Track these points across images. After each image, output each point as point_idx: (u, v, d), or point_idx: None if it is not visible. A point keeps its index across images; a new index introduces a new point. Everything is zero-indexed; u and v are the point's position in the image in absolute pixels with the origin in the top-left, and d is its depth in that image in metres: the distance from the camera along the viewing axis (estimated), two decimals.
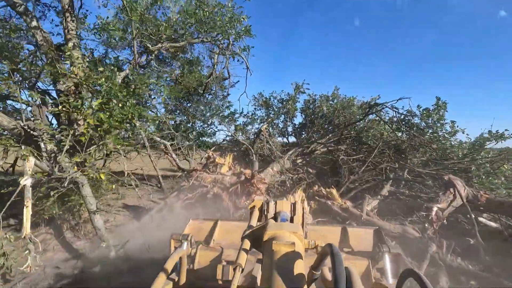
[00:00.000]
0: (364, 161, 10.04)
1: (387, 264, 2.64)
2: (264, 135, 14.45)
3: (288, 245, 1.33)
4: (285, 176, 11.51)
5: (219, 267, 2.53)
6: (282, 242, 1.35)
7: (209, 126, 13.77)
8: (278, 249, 1.32)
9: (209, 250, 2.88)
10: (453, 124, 10.30)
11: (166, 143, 8.00)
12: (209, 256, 2.81)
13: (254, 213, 2.16)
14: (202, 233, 3.19)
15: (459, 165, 9.18)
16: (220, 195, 7.37)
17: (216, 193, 7.48)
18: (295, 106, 16.21)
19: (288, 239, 1.41)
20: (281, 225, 1.61)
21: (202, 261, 2.79)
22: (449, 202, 7.09)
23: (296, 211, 2.09)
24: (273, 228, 1.53)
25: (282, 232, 1.48)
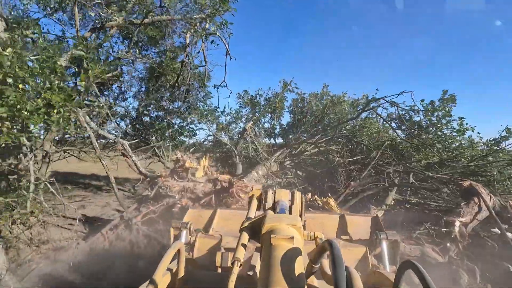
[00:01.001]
0: (363, 164, 8.55)
1: (384, 251, 2.57)
2: (249, 135, 12.90)
3: (287, 240, 1.26)
4: (272, 181, 9.96)
5: (218, 254, 2.55)
6: (280, 236, 1.28)
7: (188, 125, 12.03)
8: (277, 243, 1.26)
9: (208, 237, 2.88)
10: (461, 122, 8.89)
11: (123, 142, 6.28)
12: (208, 243, 2.82)
13: (253, 203, 2.04)
14: (201, 221, 3.18)
15: (471, 168, 7.78)
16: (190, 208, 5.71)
17: (184, 205, 5.82)
18: (282, 104, 14.81)
19: (287, 232, 1.32)
20: (280, 217, 1.51)
21: (202, 249, 2.80)
22: (474, 214, 5.64)
23: (295, 200, 2.04)
24: (272, 221, 1.43)
25: (280, 225, 1.39)
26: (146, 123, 11.11)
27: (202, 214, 3.28)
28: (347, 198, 7.35)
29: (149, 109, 11.49)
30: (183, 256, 1.77)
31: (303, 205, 2.08)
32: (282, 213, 1.86)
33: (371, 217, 3.23)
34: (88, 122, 5.44)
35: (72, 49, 4.80)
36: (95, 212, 9.71)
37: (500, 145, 7.83)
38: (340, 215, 3.24)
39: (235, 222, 3.08)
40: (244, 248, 1.41)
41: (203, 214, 3.28)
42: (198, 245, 2.81)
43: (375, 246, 2.69)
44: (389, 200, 6.81)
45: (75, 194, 12.10)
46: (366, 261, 2.65)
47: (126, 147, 6.36)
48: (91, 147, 6.83)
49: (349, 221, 3.13)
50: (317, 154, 11.88)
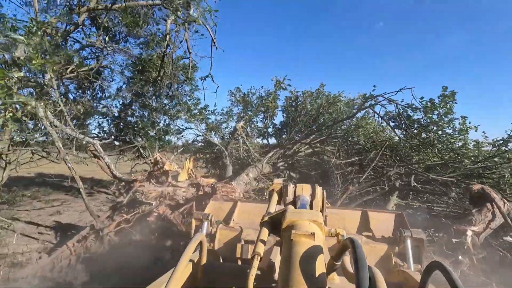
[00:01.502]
0: (360, 165, 7.90)
1: (408, 249, 2.47)
2: (240, 135, 12.20)
3: (308, 236, 1.24)
4: (263, 184, 9.26)
5: (238, 246, 2.60)
6: (301, 232, 1.26)
7: (173, 123, 11.25)
8: (298, 239, 1.24)
9: (229, 229, 2.89)
10: (464, 120, 8.28)
11: (93, 142, 5.52)
12: (228, 235, 2.84)
13: (273, 197, 2.01)
14: (221, 214, 3.19)
15: (478, 170, 7.17)
16: (168, 217, 4.98)
17: (162, 213, 5.09)
18: (275, 103, 14.16)
19: (308, 228, 1.31)
20: (301, 212, 1.48)
21: (222, 240, 2.82)
22: (487, 222, 5.00)
23: (316, 196, 1.96)
24: (293, 216, 1.41)
25: (301, 221, 1.36)
26: (128, 121, 10.30)
27: (223, 206, 3.29)
28: (344, 203, 6.69)
29: (133, 107, 10.72)
30: (205, 247, 1.76)
31: (324, 200, 2.01)
32: (303, 209, 1.78)
33: (395, 214, 3.10)
34: (49, 119, 4.67)
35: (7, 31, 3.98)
36: (72, 218, 8.92)
37: (508, 145, 7.21)
38: (362, 211, 3.14)
39: (255, 215, 3.09)
40: (264, 244, 1.37)
41: (223, 206, 3.29)
42: (219, 237, 2.83)
43: (399, 244, 2.59)
44: (390, 205, 6.16)
45: (54, 198, 11.33)
46: (389, 259, 2.58)
47: (98, 148, 5.60)
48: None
49: (372, 218, 3.02)
50: (312, 155, 11.25)
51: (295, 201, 1.94)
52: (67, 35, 5.78)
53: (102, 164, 5.89)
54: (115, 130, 11.03)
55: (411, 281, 1.61)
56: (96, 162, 5.95)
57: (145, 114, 10.77)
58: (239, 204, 3.28)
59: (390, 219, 3.04)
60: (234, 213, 3.16)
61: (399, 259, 2.59)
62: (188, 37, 6.72)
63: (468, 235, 4.80)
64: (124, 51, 8.41)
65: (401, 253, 2.59)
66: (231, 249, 2.68)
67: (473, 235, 4.85)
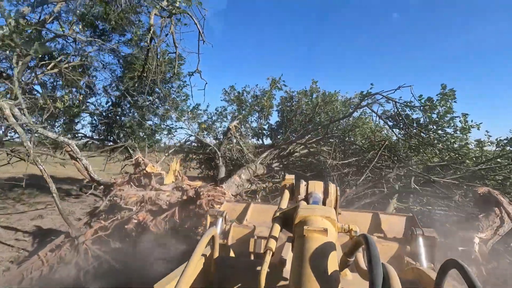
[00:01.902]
0: (357, 166, 7.50)
1: (421, 248, 2.41)
2: (234, 135, 11.77)
3: (320, 232, 1.22)
4: (255, 186, 8.83)
5: (251, 240, 2.64)
6: (314, 227, 1.24)
7: (163, 122, 10.78)
8: (310, 235, 1.22)
9: (242, 227, 2.93)
10: (465, 118, 7.87)
11: (69, 142, 5.06)
12: (242, 232, 2.88)
13: (285, 194, 1.94)
14: (234, 214, 3.21)
15: (481, 171, 6.79)
16: (148, 225, 4.53)
17: (142, 220, 4.63)
18: (271, 103, 13.77)
19: (321, 224, 1.28)
20: (314, 208, 1.45)
21: (236, 237, 2.85)
22: (495, 228, 4.60)
23: (329, 193, 1.88)
24: (305, 211, 1.38)
25: (314, 217, 1.33)
26: (114, 120, 9.81)
27: (236, 207, 3.32)
28: (341, 205, 6.27)
29: (123, 105, 10.23)
30: (217, 242, 1.74)
31: (338, 199, 1.95)
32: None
33: (406, 217, 3.06)
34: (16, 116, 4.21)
35: None
36: (54, 223, 8.40)
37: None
38: (374, 213, 3.13)
39: (268, 215, 2.95)
40: (276, 239, 1.37)
41: (236, 207, 3.32)
42: (232, 234, 2.86)
43: (410, 242, 2.53)
44: (390, 209, 5.76)
45: (38, 201, 10.78)
46: (401, 258, 2.55)
47: (74, 148, 5.14)
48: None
49: (383, 220, 3.00)
50: (308, 156, 10.84)
51: (307, 198, 1.88)
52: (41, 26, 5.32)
53: (79, 166, 5.44)
54: (103, 130, 10.57)
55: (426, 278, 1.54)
56: (73, 164, 5.48)
57: (134, 113, 10.32)
58: (252, 205, 3.32)
59: (401, 221, 3.01)
60: (247, 214, 3.20)
61: (411, 258, 2.51)
62: (175, 31, 6.28)
63: (476, 243, 4.40)
64: (111, 48, 7.95)
65: (413, 253, 2.51)
66: (244, 245, 2.70)
67: (480, 242, 4.46)
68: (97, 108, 9.76)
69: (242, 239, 2.83)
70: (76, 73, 7.82)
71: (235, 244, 2.83)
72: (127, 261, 4.71)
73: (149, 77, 6.99)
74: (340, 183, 7.34)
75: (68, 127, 10.02)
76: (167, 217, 4.60)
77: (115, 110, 9.83)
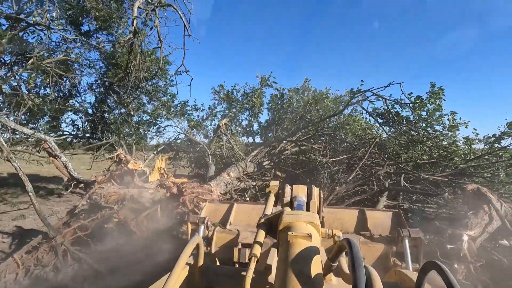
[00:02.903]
0: (348, 164, 7.39)
1: (407, 249, 2.42)
2: (224, 132, 11.57)
3: (305, 237, 1.24)
4: (245, 183, 8.66)
5: (235, 250, 2.57)
6: (298, 233, 1.25)
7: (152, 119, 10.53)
8: (294, 240, 1.24)
9: (226, 232, 2.84)
10: (453, 116, 7.84)
11: (46, 139, 4.83)
12: (225, 238, 2.80)
13: (270, 199, 1.99)
14: (218, 215, 3.13)
15: (470, 168, 6.74)
16: (129, 224, 4.34)
17: (122, 219, 4.43)
18: (261, 100, 13.62)
19: (305, 229, 1.30)
20: (298, 214, 1.47)
21: (219, 243, 2.78)
22: (484, 226, 4.53)
23: (313, 196, 1.97)
24: (289, 218, 1.40)
25: (298, 222, 1.36)
26: (99, 117, 9.53)
27: (219, 208, 3.22)
28: (331, 203, 6.15)
29: (108, 102, 9.95)
30: (202, 250, 1.71)
31: (321, 201, 2.01)
32: (300, 210, 1.79)
33: (392, 213, 3.06)
34: None
35: None
36: (37, 223, 8.08)
37: (501, 142, 6.77)
38: (360, 210, 3.11)
39: (252, 217, 3.08)
40: (261, 245, 1.36)
41: (220, 208, 3.22)
42: (215, 240, 2.78)
43: (397, 243, 2.56)
44: (380, 206, 5.65)
45: (22, 200, 10.44)
46: (387, 259, 2.57)
47: (52, 145, 4.91)
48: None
49: (369, 216, 2.99)
50: (298, 154, 10.72)
51: (292, 201, 1.95)
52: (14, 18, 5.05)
53: (57, 164, 5.20)
54: (88, 127, 10.28)
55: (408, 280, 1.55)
56: (51, 161, 5.25)
57: (120, 110, 10.05)
58: (236, 206, 3.22)
59: (387, 217, 3.00)
60: (231, 215, 3.09)
61: (397, 258, 2.55)
62: (159, 25, 6.07)
63: (464, 241, 4.31)
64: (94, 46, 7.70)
65: (399, 252, 2.54)
66: (228, 252, 2.64)
67: (469, 240, 4.37)
68: (82, 104, 9.47)
69: (226, 246, 2.76)
70: (59, 69, 7.56)
71: (219, 251, 2.77)
72: (108, 263, 4.52)
73: (132, 73, 6.76)
74: (331, 180, 7.22)
75: (52, 125, 9.73)
76: (149, 215, 4.41)
77: (100, 107, 9.56)
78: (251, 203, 3.56)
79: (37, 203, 4.66)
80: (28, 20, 5.04)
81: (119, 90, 8.57)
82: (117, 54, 8.03)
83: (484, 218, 4.53)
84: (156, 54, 7.83)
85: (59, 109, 8.95)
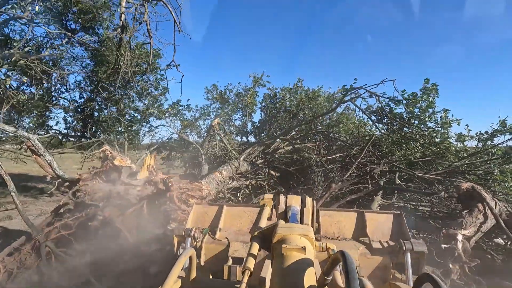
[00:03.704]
0: (342, 163, 7.26)
1: (408, 263, 2.29)
2: (217, 131, 11.37)
3: (299, 250, 1.24)
4: (237, 182, 8.48)
5: (225, 267, 2.43)
6: (292, 246, 1.26)
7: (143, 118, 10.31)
8: (288, 253, 1.24)
9: (215, 243, 2.69)
10: (445, 113, 7.73)
11: (29, 137, 4.61)
12: (215, 249, 2.66)
13: (264, 212, 1.99)
14: (207, 219, 2.95)
15: (463, 166, 6.66)
16: (114, 222, 4.14)
17: (107, 216, 4.24)
18: (254, 100, 13.49)
19: (299, 242, 1.31)
20: (292, 227, 1.48)
21: (209, 255, 2.66)
22: (478, 225, 4.41)
23: (306, 204, 2.04)
24: (283, 230, 1.40)
25: (292, 235, 1.36)
26: (89, 115, 9.29)
27: (208, 211, 3.02)
28: (325, 202, 6.00)
29: (98, 100, 9.69)
30: (195, 263, 1.70)
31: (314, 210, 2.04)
32: (294, 222, 1.84)
33: (393, 215, 2.86)
34: None
35: None
36: (23, 224, 7.78)
37: (493, 139, 6.69)
38: (359, 212, 2.92)
39: (243, 220, 2.92)
40: (255, 258, 1.35)
41: (208, 211, 3.02)
42: (204, 251, 2.65)
43: (398, 254, 2.42)
44: (374, 205, 5.53)
45: (10, 200, 10.06)
46: (386, 271, 2.46)
47: (36, 143, 4.69)
48: None
49: (369, 219, 2.82)
50: (292, 152, 10.58)
51: (286, 211, 1.98)
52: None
53: (41, 162, 4.98)
54: (79, 125, 10.02)
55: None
56: (34, 159, 5.03)
57: (111, 108, 9.80)
58: (226, 208, 3.00)
59: (388, 220, 2.82)
60: (220, 219, 2.89)
61: (398, 270, 2.45)
62: (149, 20, 5.86)
63: (459, 240, 4.19)
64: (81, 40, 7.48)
65: (400, 263, 2.41)
66: (219, 263, 2.51)
67: (463, 239, 4.25)
68: (71, 103, 9.21)
69: (216, 257, 2.63)
70: (45, 65, 7.33)
71: (209, 263, 2.63)
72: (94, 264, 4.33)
73: (121, 69, 6.54)
74: (325, 179, 7.08)
75: (39, 123, 9.45)
76: (134, 212, 4.21)
77: (90, 104, 9.31)
78: (242, 205, 3.24)
79: (19, 203, 4.48)
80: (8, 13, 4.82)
81: (108, 87, 8.33)
82: (105, 50, 7.80)
83: (479, 217, 4.42)
84: (145, 48, 7.63)
85: (47, 107, 8.69)
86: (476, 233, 4.41)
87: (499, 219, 4.39)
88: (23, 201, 10.08)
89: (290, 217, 1.90)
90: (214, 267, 2.58)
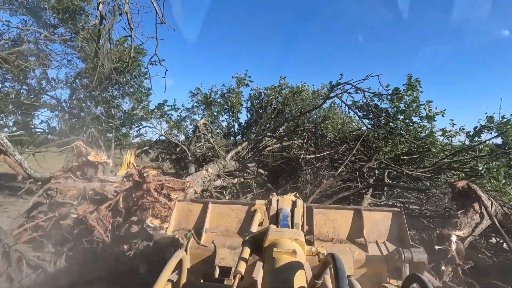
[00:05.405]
0: (330, 160, 7.00)
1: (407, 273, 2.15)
2: (203, 132, 10.95)
3: (289, 253, 1.24)
4: (223, 181, 8.11)
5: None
6: (283, 249, 1.26)
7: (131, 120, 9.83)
8: (279, 257, 1.24)
9: (201, 249, 2.47)
10: (428, 105, 7.52)
11: None
12: (201, 255, 2.46)
13: (256, 217, 1.97)
14: (191, 218, 2.70)
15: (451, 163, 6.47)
16: (88, 220, 3.71)
17: (81, 214, 3.80)
18: (239, 99, 13.24)
19: (290, 246, 1.31)
20: (283, 231, 1.46)
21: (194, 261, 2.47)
22: (473, 226, 4.17)
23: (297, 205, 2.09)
24: (274, 234, 1.40)
25: (283, 239, 1.36)
26: (74, 114, 8.76)
27: (192, 208, 2.75)
28: (315, 198, 5.68)
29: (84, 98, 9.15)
30: (185, 266, 1.62)
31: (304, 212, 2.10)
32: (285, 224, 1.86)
33: (392, 212, 2.64)
34: None
35: None
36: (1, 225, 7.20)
37: (480, 135, 6.53)
38: (356, 210, 2.70)
39: (230, 219, 2.69)
40: (246, 262, 1.34)
41: (193, 208, 2.75)
42: (190, 257, 2.41)
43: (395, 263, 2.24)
44: (364, 204, 5.26)
45: None
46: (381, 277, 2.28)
47: (4, 142, 4.21)
48: None
49: (366, 218, 2.61)
50: (281, 151, 10.29)
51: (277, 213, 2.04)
52: None
53: (10, 162, 4.49)
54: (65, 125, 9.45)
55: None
56: (3, 159, 4.55)
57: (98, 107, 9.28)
58: (211, 206, 2.73)
59: (387, 218, 2.61)
60: (206, 218, 2.64)
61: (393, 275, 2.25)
62: (130, 11, 5.43)
63: (453, 241, 3.93)
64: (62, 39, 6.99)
65: (397, 268, 2.24)
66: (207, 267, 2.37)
67: (457, 240, 4.00)
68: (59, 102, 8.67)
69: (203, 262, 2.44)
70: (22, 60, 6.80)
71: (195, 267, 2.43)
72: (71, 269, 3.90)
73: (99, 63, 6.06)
74: (314, 177, 6.79)
75: (23, 123, 8.85)
76: (110, 207, 3.78)
77: (78, 104, 8.78)
78: (228, 202, 2.90)
79: None
80: None
81: (89, 83, 7.85)
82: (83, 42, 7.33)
83: (474, 218, 4.15)
84: (128, 44, 7.21)
85: (31, 105, 8.16)
86: (471, 234, 4.18)
87: (494, 219, 4.14)
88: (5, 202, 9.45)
89: (281, 219, 1.90)
90: (204, 270, 2.42)
